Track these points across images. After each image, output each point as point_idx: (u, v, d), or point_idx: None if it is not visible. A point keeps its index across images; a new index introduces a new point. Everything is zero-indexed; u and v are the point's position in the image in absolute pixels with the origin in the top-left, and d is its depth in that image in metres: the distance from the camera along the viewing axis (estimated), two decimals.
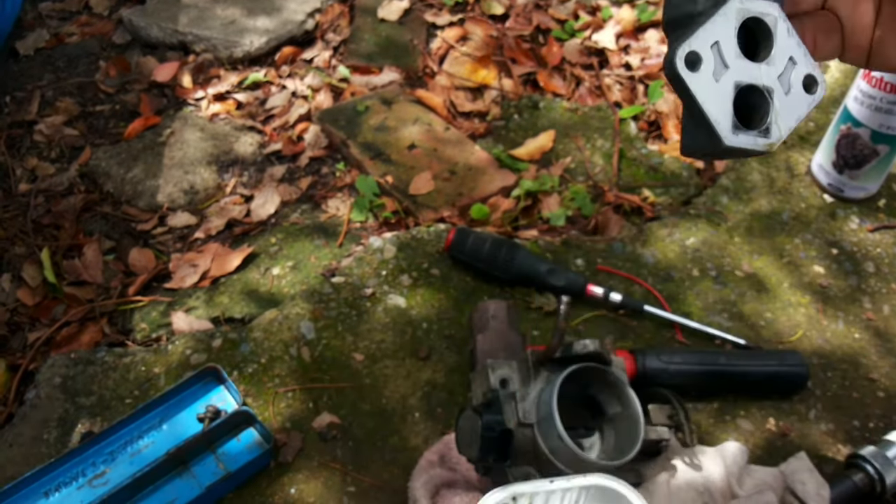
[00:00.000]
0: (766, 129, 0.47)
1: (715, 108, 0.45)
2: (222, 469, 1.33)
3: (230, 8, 2.46)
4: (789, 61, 0.48)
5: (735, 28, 0.46)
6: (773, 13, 0.48)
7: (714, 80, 0.45)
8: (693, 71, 0.45)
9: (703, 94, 0.45)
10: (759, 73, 0.47)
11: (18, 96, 2.22)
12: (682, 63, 0.45)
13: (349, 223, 1.85)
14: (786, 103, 0.48)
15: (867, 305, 1.64)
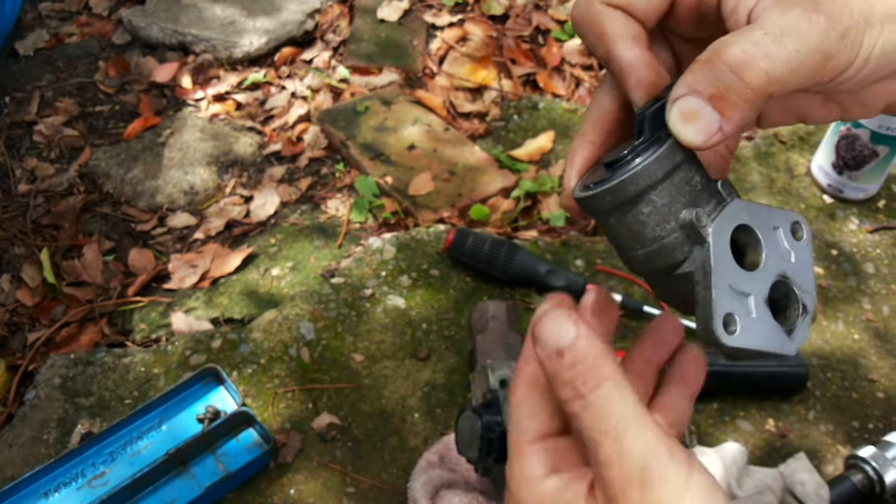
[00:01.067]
0: (804, 309, 0.44)
1: (772, 339, 0.42)
2: (222, 469, 1.34)
3: (230, 8, 2.46)
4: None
5: (732, 258, 0.42)
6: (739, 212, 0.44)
7: (752, 317, 0.42)
8: (735, 329, 0.41)
9: (758, 341, 0.42)
10: (768, 273, 0.44)
11: (18, 97, 2.22)
12: (722, 330, 0.40)
13: (349, 224, 1.85)
14: (797, 278, 0.44)
15: (867, 306, 1.64)
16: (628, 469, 0.38)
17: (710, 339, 0.40)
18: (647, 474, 0.38)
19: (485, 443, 1.14)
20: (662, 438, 0.39)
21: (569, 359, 0.41)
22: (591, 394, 0.40)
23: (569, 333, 0.42)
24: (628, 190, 0.42)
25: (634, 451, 0.38)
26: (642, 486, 0.38)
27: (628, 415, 0.39)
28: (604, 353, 0.42)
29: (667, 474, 0.38)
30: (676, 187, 0.42)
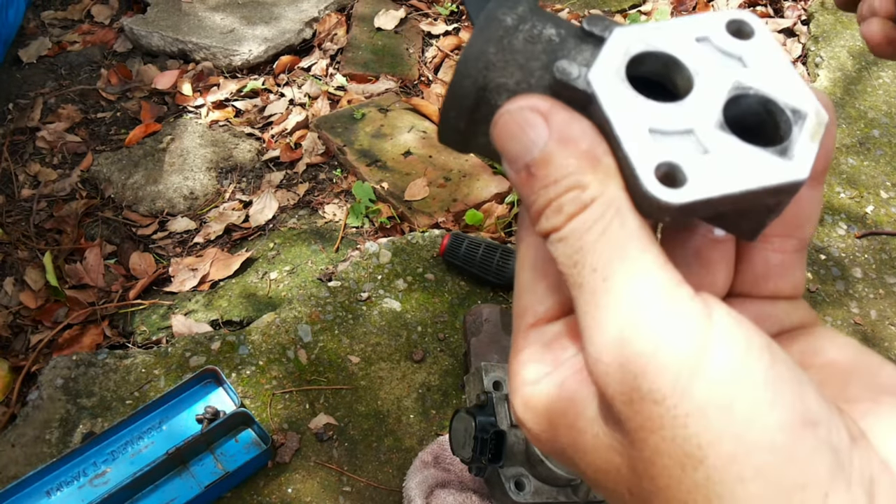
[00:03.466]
0: (797, 114, 0.30)
1: (751, 171, 0.29)
2: (221, 469, 1.36)
3: (229, 17, 2.49)
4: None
5: (637, 95, 0.30)
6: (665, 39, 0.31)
7: (704, 156, 0.29)
8: (682, 180, 0.28)
9: (729, 181, 0.28)
10: (714, 93, 0.30)
11: (21, 103, 2.25)
12: (670, 191, 0.28)
13: (345, 228, 1.88)
14: (766, 79, 0.31)
15: (854, 310, 1.66)
16: (609, 334, 0.27)
17: (654, 207, 0.28)
18: (635, 333, 0.26)
19: (479, 443, 1.16)
20: (670, 293, 0.27)
21: (541, 176, 0.29)
22: (571, 222, 0.28)
23: (538, 135, 0.29)
24: (465, 87, 0.32)
25: (623, 298, 0.27)
26: (622, 345, 0.27)
27: (624, 246, 0.28)
28: (588, 158, 0.29)
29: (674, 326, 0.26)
30: (523, 53, 0.31)
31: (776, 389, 0.26)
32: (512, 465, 1.21)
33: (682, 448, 0.26)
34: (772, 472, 0.25)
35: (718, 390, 0.25)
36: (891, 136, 2.05)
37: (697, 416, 0.25)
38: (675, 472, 0.26)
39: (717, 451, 0.25)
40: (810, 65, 2.32)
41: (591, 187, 0.28)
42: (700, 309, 0.27)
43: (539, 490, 1.18)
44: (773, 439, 0.25)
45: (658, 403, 0.26)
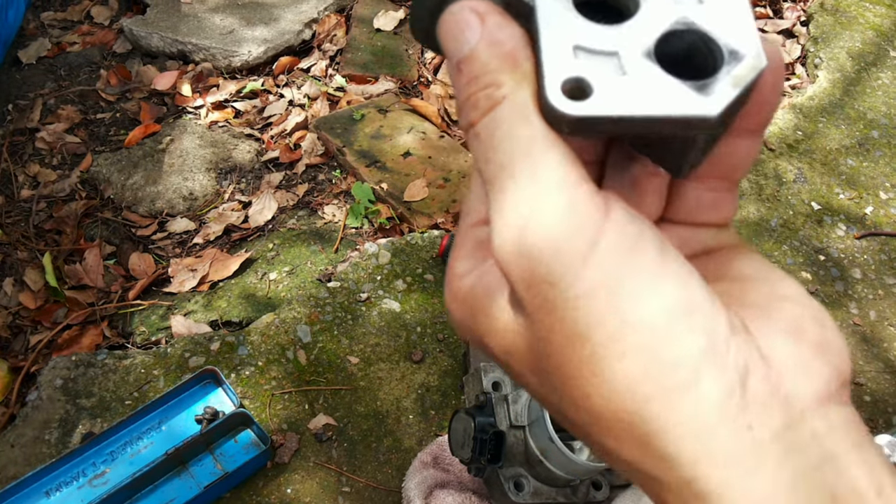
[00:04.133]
0: (733, 54, 0.29)
1: (660, 99, 0.29)
2: (220, 469, 1.36)
3: (229, 18, 2.49)
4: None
5: (573, 8, 0.30)
6: None
7: (619, 78, 0.29)
8: (589, 95, 0.29)
9: (632, 105, 0.29)
10: (649, 20, 0.30)
11: (21, 104, 2.25)
12: (570, 102, 0.28)
13: (345, 229, 1.88)
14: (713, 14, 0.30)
15: (854, 311, 1.66)
16: (509, 222, 0.29)
17: (553, 116, 0.29)
18: (535, 222, 0.28)
19: (478, 444, 1.16)
20: (575, 173, 0.29)
21: (466, 72, 0.30)
22: (484, 118, 0.30)
23: (471, 35, 0.30)
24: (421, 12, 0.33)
25: (525, 190, 0.28)
26: (523, 234, 0.28)
27: (529, 144, 0.29)
28: (509, 60, 0.30)
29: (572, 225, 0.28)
30: None
31: (661, 279, 0.28)
32: (511, 465, 1.21)
33: (572, 328, 0.28)
34: (648, 350, 0.27)
35: (607, 276, 0.27)
36: (890, 137, 2.05)
37: (586, 299, 0.27)
38: (566, 350, 0.28)
39: (600, 331, 0.27)
40: (809, 66, 2.32)
41: (505, 86, 0.29)
42: (599, 204, 0.28)
43: (538, 490, 1.18)
44: (653, 321, 0.27)
45: (552, 286, 0.28)
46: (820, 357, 0.30)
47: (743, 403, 0.27)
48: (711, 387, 0.27)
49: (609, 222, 0.28)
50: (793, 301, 0.32)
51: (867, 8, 2.49)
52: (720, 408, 0.27)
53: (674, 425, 0.27)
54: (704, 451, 0.27)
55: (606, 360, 0.28)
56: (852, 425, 0.29)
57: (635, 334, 0.27)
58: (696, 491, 0.28)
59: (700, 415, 0.27)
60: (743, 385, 0.28)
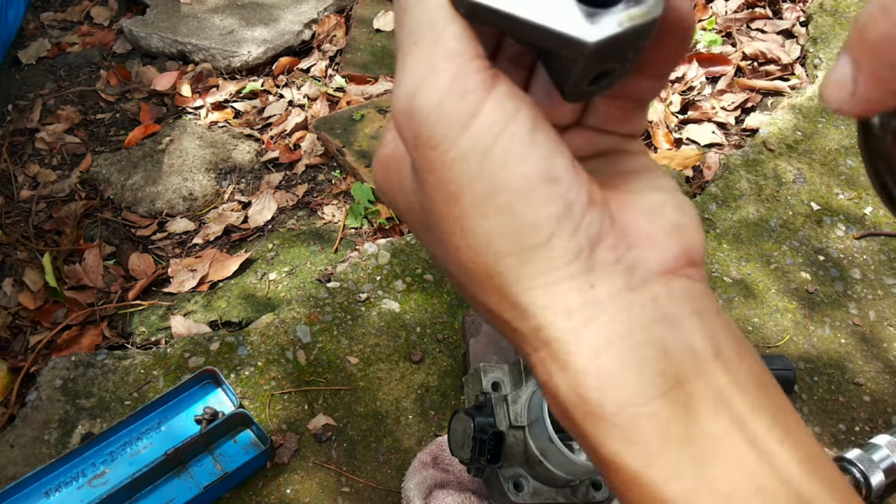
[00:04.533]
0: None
1: (547, 10, 0.29)
2: (219, 469, 1.36)
3: (228, 18, 2.49)
4: None
5: None
6: None
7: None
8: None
9: (520, 6, 0.29)
10: None
11: (20, 104, 2.25)
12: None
13: (344, 229, 1.88)
14: None
15: (853, 311, 1.66)
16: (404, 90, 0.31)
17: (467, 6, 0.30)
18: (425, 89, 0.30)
19: (477, 444, 1.16)
20: (470, 48, 0.30)
21: None
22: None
23: None
24: None
25: (423, 58, 0.30)
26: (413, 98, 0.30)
27: (435, 15, 0.31)
28: None
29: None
30: None
31: (528, 148, 0.30)
32: (510, 465, 1.21)
33: (448, 188, 0.31)
34: (508, 211, 0.30)
35: (481, 141, 0.30)
36: None
37: (460, 162, 0.30)
38: (443, 207, 0.31)
39: (470, 191, 0.30)
40: (809, 66, 2.32)
41: None
42: (486, 78, 0.30)
43: (537, 491, 1.18)
44: (517, 185, 0.30)
45: (433, 149, 0.30)
46: (671, 237, 0.33)
47: (589, 265, 0.31)
48: (562, 247, 0.30)
49: (491, 96, 0.30)
50: (661, 191, 0.36)
51: None
52: (567, 266, 0.30)
53: (525, 278, 0.31)
54: (550, 303, 0.31)
55: (474, 218, 0.30)
56: (699, 298, 0.33)
57: (499, 197, 0.30)
58: (544, 338, 0.31)
59: (549, 271, 0.30)
60: (591, 249, 0.31)
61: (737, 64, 2.34)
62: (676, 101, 2.23)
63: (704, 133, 2.12)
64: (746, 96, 2.23)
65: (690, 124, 2.17)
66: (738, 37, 2.46)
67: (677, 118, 2.19)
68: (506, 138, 0.30)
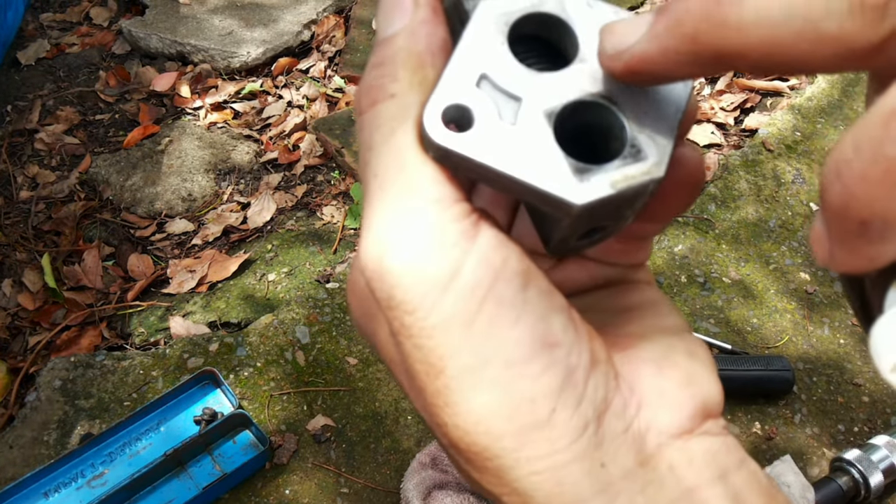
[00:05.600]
0: (635, 151, 0.27)
1: (530, 163, 0.27)
2: (219, 470, 1.36)
3: (227, 19, 2.49)
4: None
5: (504, 39, 0.28)
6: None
7: (505, 125, 0.27)
8: (465, 130, 0.27)
9: (500, 157, 0.27)
10: (575, 80, 0.28)
11: (20, 105, 2.25)
12: (441, 128, 0.27)
13: (344, 230, 1.88)
14: (641, 102, 0.28)
15: (852, 311, 1.66)
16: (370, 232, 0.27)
17: (423, 133, 0.27)
18: (397, 244, 0.27)
19: None
20: (436, 210, 0.27)
21: (377, 54, 0.29)
22: (372, 109, 0.28)
23: (399, 20, 0.29)
24: None
25: (393, 207, 0.27)
26: (384, 255, 0.27)
27: (404, 154, 0.27)
28: (416, 59, 0.28)
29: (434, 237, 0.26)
30: None
31: (520, 310, 0.27)
32: None
33: (427, 358, 0.27)
34: (502, 385, 0.26)
35: (463, 307, 0.26)
36: None
37: (441, 330, 0.26)
38: (422, 377, 0.27)
39: (455, 363, 0.26)
40: None
41: (400, 83, 0.28)
42: (466, 228, 0.27)
43: None
44: (509, 355, 0.26)
45: (409, 314, 0.26)
46: (684, 389, 0.30)
47: (597, 441, 0.27)
48: (565, 423, 0.27)
49: (474, 249, 0.27)
50: (669, 332, 0.32)
51: None
52: (573, 444, 0.27)
53: (527, 461, 0.27)
54: (557, 489, 0.27)
55: (460, 394, 0.27)
56: (719, 455, 0.29)
57: (489, 369, 0.26)
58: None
59: (554, 452, 0.27)
60: (598, 420, 0.27)
61: None
62: None
63: (703, 133, 2.12)
64: (745, 97, 2.23)
65: None
66: None
67: None
68: (493, 300, 0.26)
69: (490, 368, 0.26)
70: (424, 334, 0.26)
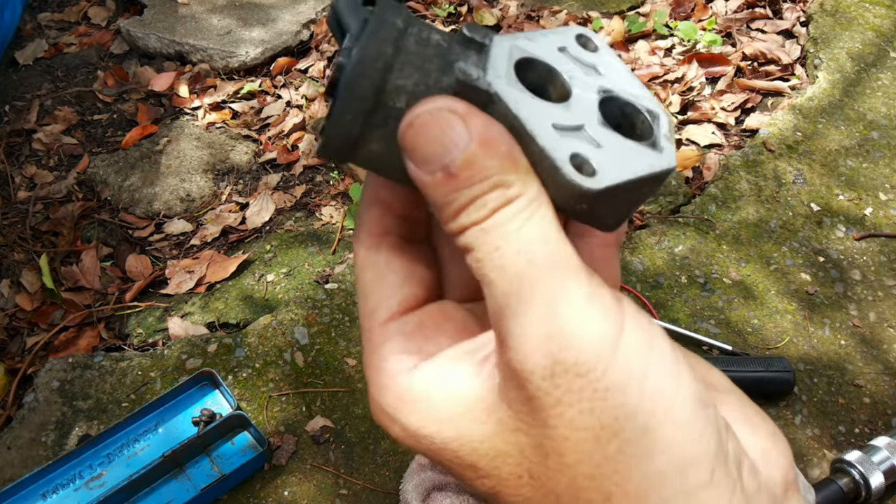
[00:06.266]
0: (651, 143, 0.33)
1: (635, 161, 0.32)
2: (217, 471, 1.35)
3: (226, 19, 2.48)
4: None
5: (530, 94, 0.31)
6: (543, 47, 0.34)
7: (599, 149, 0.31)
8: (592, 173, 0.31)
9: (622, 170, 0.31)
10: (590, 105, 0.33)
11: (18, 105, 2.25)
12: (579, 175, 0.30)
13: (343, 230, 1.87)
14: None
15: (853, 312, 1.66)
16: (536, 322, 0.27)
17: (575, 194, 0.30)
18: (560, 328, 0.27)
19: None
20: (587, 277, 0.28)
21: (464, 176, 0.28)
22: (496, 214, 0.29)
23: (460, 138, 0.29)
24: (364, 88, 0.30)
25: (544, 293, 0.27)
26: (551, 321, 0.27)
27: (548, 231, 0.29)
28: (509, 159, 0.29)
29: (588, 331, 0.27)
30: (417, 55, 0.31)
31: (679, 369, 0.28)
32: None
33: (600, 420, 0.27)
34: (675, 445, 0.27)
35: (635, 366, 0.27)
36: (890, 139, 2.05)
37: (616, 390, 0.26)
38: (586, 445, 0.27)
39: (632, 423, 0.26)
40: (809, 66, 2.32)
41: (515, 185, 0.29)
42: (616, 303, 0.28)
43: None
44: (679, 414, 0.27)
45: (582, 376, 0.27)
46: (776, 446, 0.31)
47: (744, 499, 0.28)
48: (723, 483, 0.27)
49: (626, 315, 0.28)
50: (729, 392, 0.33)
51: (867, 9, 2.49)
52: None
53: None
54: None
55: (635, 458, 0.27)
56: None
57: (664, 428, 0.27)
58: None
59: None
60: (740, 478, 0.28)
61: (737, 64, 2.34)
62: (676, 101, 2.22)
63: (704, 134, 2.12)
64: (746, 97, 2.23)
65: (690, 125, 2.17)
66: (738, 37, 2.46)
67: (677, 118, 2.19)
68: (659, 359, 0.27)
69: (665, 428, 0.27)
70: (598, 395, 0.27)
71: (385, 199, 0.34)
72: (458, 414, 0.30)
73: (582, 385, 0.27)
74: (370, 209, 0.35)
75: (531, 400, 0.28)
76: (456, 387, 0.30)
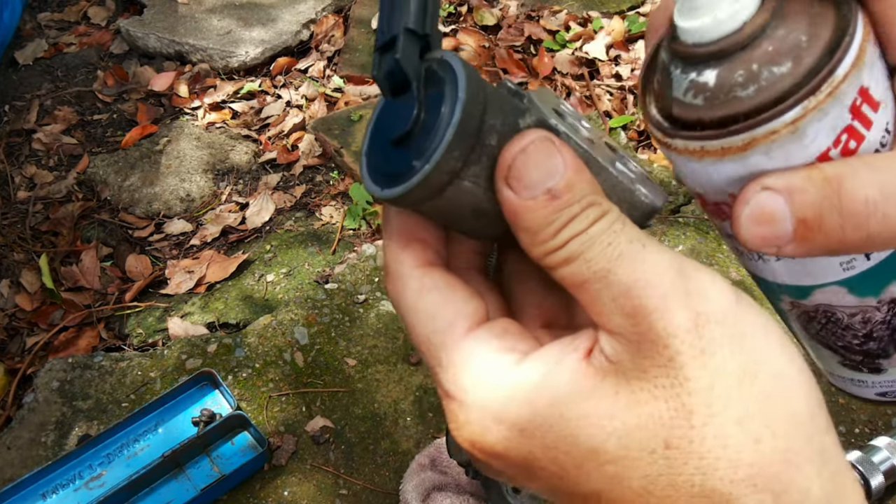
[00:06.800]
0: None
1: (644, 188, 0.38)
2: (217, 472, 1.36)
3: (226, 19, 2.49)
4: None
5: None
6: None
7: (635, 177, 0.38)
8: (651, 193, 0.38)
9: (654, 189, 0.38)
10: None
11: (17, 105, 2.25)
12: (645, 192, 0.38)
13: (342, 230, 1.87)
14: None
15: None
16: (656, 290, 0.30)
17: (646, 211, 0.37)
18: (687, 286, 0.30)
19: None
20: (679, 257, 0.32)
21: (565, 198, 0.32)
22: (594, 225, 0.32)
23: (560, 165, 0.33)
24: (470, 126, 0.32)
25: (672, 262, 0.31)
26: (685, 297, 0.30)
27: (640, 234, 0.32)
28: (592, 184, 0.33)
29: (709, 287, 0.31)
30: (497, 99, 0.34)
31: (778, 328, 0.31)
32: None
33: (741, 364, 0.30)
34: (805, 391, 0.30)
35: (758, 318, 0.31)
36: None
37: (749, 336, 0.30)
38: (732, 391, 0.29)
39: (767, 368, 0.30)
40: None
41: (603, 204, 0.33)
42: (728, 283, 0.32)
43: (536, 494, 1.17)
44: (799, 364, 0.31)
45: (720, 323, 0.30)
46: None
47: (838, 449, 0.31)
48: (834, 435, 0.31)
49: (741, 301, 0.31)
50: None
51: None
52: None
53: None
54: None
55: (780, 400, 0.30)
56: None
57: (790, 377, 0.30)
58: None
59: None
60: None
61: None
62: None
63: None
64: None
65: None
66: None
67: None
68: (767, 315, 0.32)
69: (789, 377, 0.30)
70: (736, 341, 0.30)
71: (422, 238, 0.37)
72: (582, 396, 0.31)
73: (722, 332, 0.29)
74: (411, 245, 0.37)
75: (672, 360, 0.30)
76: (573, 370, 0.32)
